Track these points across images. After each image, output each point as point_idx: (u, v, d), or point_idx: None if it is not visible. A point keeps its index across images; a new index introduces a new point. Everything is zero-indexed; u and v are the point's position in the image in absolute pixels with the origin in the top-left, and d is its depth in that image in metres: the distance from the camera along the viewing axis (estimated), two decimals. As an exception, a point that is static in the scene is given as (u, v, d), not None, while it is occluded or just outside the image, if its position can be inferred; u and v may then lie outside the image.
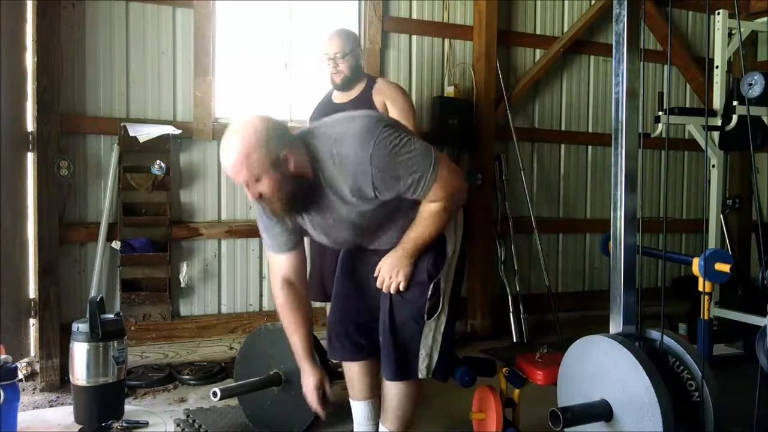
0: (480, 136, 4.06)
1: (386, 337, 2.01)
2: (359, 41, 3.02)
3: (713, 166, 4.09)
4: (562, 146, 4.53)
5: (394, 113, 2.83)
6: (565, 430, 1.85)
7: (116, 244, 3.29)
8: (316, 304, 3.32)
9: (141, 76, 3.40)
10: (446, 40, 4.12)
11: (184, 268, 3.48)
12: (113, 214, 3.32)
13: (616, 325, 2.00)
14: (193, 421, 2.61)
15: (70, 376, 2.43)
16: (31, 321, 3.13)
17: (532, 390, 2.36)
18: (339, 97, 2.97)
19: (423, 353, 2.01)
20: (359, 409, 2.27)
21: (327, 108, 2.92)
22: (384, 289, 1.98)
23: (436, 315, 2.02)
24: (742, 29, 4.15)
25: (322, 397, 2.04)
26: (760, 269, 1.98)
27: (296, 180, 1.81)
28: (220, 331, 3.57)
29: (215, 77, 3.55)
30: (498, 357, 3.31)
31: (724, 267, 2.63)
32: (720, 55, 4.03)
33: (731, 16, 4.04)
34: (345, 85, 2.92)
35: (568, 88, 4.53)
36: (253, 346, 2.58)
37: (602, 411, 1.87)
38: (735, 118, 3.87)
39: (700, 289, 2.76)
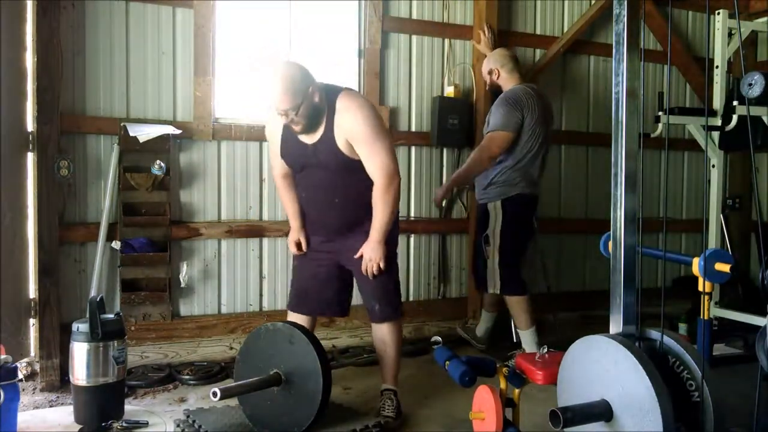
0: (480, 136, 4.06)
1: None
2: (310, 78, 2.53)
3: (713, 166, 4.09)
4: (563, 146, 4.53)
5: (360, 150, 2.55)
6: (565, 430, 1.85)
7: (116, 244, 3.29)
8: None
9: (141, 76, 3.40)
10: (446, 40, 4.12)
11: (184, 268, 3.48)
12: (113, 214, 3.32)
13: (616, 325, 2.00)
14: (193, 421, 2.61)
15: (70, 376, 2.44)
16: (31, 321, 3.13)
17: (532, 390, 2.36)
18: (305, 138, 2.64)
19: None
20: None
21: (296, 146, 2.67)
22: None
23: None
24: (742, 29, 4.15)
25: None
26: (760, 269, 1.97)
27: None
28: (220, 331, 3.57)
29: (215, 77, 3.55)
30: (498, 357, 3.31)
31: (724, 267, 2.63)
32: (720, 55, 4.03)
33: (731, 16, 4.05)
34: (307, 131, 2.59)
35: (568, 88, 4.53)
36: (253, 346, 2.58)
37: (602, 411, 1.87)
38: (735, 118, 3.87)
39: (700, 289, 2.75)
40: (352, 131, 2.54)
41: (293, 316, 2.88)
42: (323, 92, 2.55)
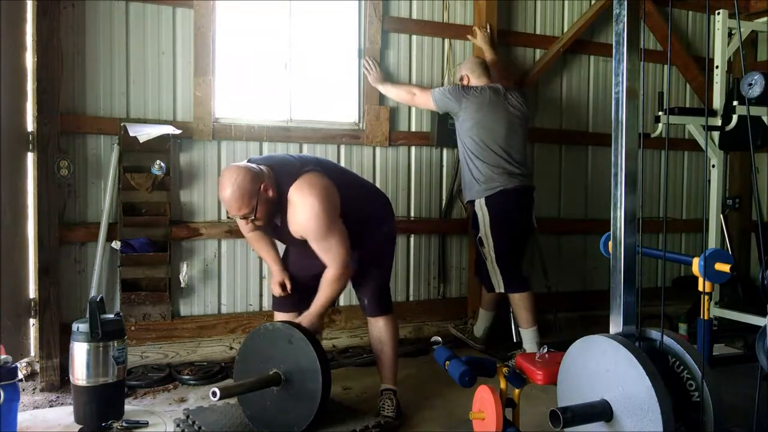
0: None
1: None
2: (260, 176, 2.47)
3: (713, 166, 4.09)
4: (563, 146, 4.53)
5: (313, 246, 2.55)
6: (565, 430, 1.85)
7: (116, 244, 3.29)
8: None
9: (141, 76, 3.40)
10: (446, 40, 4.12)
11: (184, 268, 3.48)
12: (113, 214, 3.32)
13: (616, 325, 2.00)
14: (193, 421, 2.61)
15: (70, 376, 2.44)
16: (31, 321, 3.13)
17: (532, 390, 2.36)
18: None
19: None
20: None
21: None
22: None
23: None
24: (742, 29, 4.16)
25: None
26: (760, 269, 1.98)
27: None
28: (220, 331, 3.57)
29: (215, 77, 3.55)
30: (498, 357, 3.31)
31: (724, 267, 2.63)
32: (720, 55, 4.03)
33: (731, 16, 4.05)
34: (268, 224, 2.61)
35: (568, 88, 4.53)
36: (253, 346, 2.58)
37: (602, 411, 1.87)
38: (735, 118, 3.87)
39: (700, 289, 2.75)
40: (303, 230, 2.54)
41: (280, 316, 2.92)
42: (275, 182, 2.51)
